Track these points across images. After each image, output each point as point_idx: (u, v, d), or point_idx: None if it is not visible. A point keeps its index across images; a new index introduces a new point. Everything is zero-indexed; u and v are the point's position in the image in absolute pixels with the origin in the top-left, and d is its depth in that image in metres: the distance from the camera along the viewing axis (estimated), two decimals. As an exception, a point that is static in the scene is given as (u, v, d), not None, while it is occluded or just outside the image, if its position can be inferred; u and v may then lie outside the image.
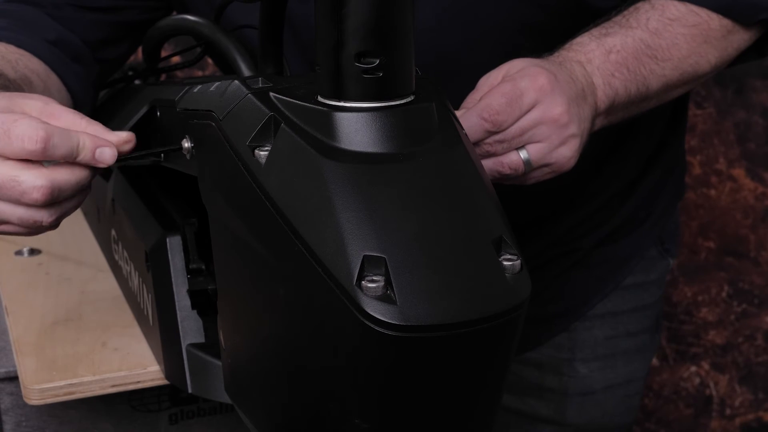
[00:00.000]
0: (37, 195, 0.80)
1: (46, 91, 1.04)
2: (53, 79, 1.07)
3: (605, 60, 0.99)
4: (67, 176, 0.82)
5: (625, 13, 1.04)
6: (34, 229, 0.85)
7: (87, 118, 0.84)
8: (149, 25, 1.17)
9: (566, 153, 0.93)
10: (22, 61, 1.03)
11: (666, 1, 1.04)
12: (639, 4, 1.05)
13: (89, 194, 0.87)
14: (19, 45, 1.06)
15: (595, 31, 1.01)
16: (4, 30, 1.07)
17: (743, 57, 1.11)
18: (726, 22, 1.05)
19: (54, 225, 0.85)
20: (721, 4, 1.04)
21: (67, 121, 0.83)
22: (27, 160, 0.80)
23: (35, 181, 0.80)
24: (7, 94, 0.86)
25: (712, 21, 1.05)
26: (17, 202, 0.82)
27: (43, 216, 0.83)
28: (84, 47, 1.11)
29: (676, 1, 1.04)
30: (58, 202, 0.83)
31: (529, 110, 0.91)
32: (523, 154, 0.92)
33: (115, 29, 1.14)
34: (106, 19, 1.13)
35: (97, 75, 1.14)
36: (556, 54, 0.99)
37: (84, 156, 0.82)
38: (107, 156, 0.82)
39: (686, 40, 1.03)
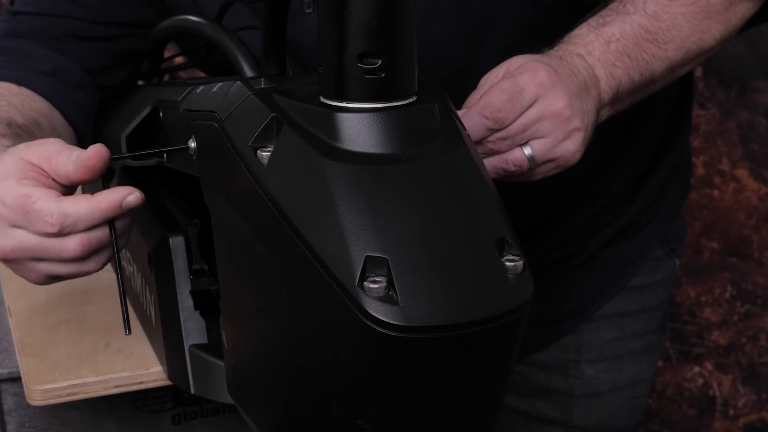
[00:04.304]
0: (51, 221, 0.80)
1: (53, 131, 1.05)
2: (56, 116, 1.07)
3: (605, 50, 0.98)
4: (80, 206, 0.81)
5: None
6: (61, 261, 0.84)
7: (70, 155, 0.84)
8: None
9: (571, 147, 0.92)
10: (27, 103, 1.04)
11: None
12: None
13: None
14: (19, 83, 1.06)
15: (592, 21, 1.01)
16: (3, 68, 1.07)
17: (753, 22, 1.09)
18: None
19: (80, 256, 0.83)
20: None
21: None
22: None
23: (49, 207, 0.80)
24: (17, 147, 0.86)
25: None
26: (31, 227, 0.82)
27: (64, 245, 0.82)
28: (85, 75, 1.11)
29: None
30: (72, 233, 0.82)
31: (531, 106, 0.91)
32: (526, 150, 0.92)
33: (114, 57, 1.15)
34: (105, 47, 1.13)
35: (97, 101, 1.15)
36: (556, 48, 0.98)
37: (110, 214, 0.82)
38: (133, 202, 0.82)
39: (686, 20, 1.02)
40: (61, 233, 0.81)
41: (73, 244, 0.81)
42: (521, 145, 0.92)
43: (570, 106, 0.91)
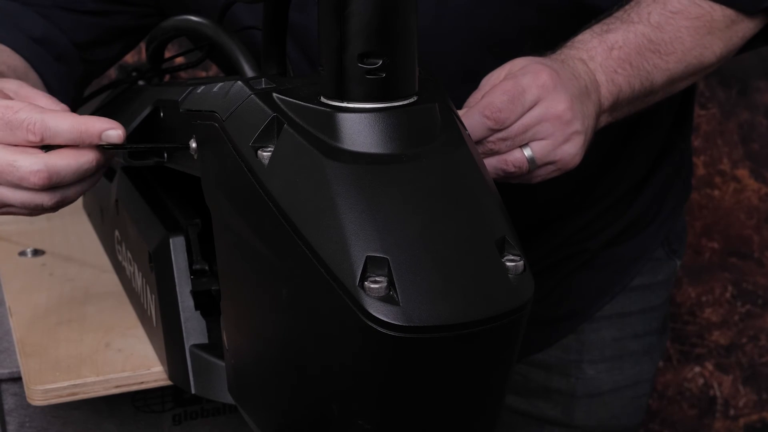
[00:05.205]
0: (35, 179, 0.82)
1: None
2: (32, 77, 1.07)
3: (607, 57, 0.98)
4: (66, 161, 0.83)
5: (627, 7, 1.03)
6: (36, 212, 0.86)
7: (60, 104, 0.85)
8: (140, 30, 1.18)
9: (570, 150, 0.92)
10: (0, 57, 1.04)
11: None
12: None
13: (94, 192, 0.87)
14: (5, 44, 1.06)
15: (596, 28, 1.01)
16: None
17: (751, 44, 1.10)
18: (729, 12, 1.05)
19: (55, 208, 0.86)
20: None
21: (43, 104, 0.85)
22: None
23: (32, 165, 0.82)
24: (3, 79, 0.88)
25: (715, 12, 1.04)
26: (17, 186, 0.83)
27: (44, 199, 0.84)
28: (70, 47, 1.11)
29: None
30: (60, 187, 0.84)
31: (532, 107, 0.91)
32: (527, 151, 0.92)
33: (104, 32, 1.14)
34: (95, 21, 1.13)
35: (82, 75, 1.14)
36: (558, 52, 0.98)
37: (87, 140, 0.82)
38: (114, 137, 0.83)
39: (689, 33, 1.03)
40: (42, 142, 0.82)
41: (34, 175, 0.82)
42: (521, 146, 0.92)
43: (571, 109, 0.91)
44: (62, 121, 0.82)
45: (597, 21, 1.02)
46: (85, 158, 0.83)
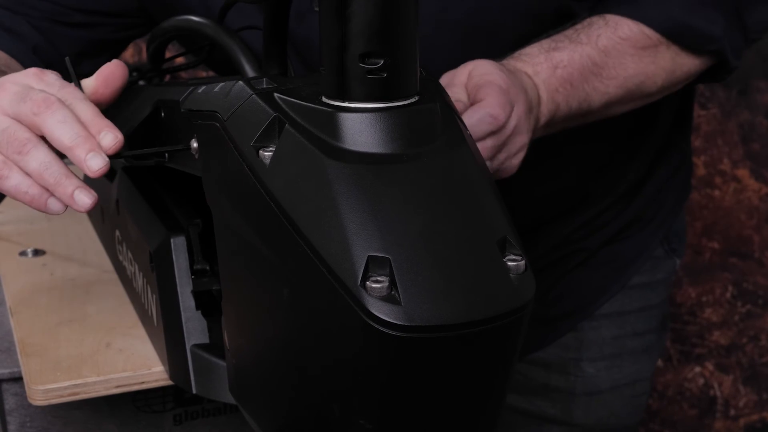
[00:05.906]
0: (41, 100, 0.79)
1: None
2: None
3: (551, 75, 0.99)
4: (65, 123, 0.80)
5: (578, 27, 1.04)
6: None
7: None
8: (127, 42, 1.18)
9: (515, 162, 0.94)
10: (11, 68, 1.04)
11: (620, 18, 1.04)
12: (593, 19, 1.05)
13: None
14: (4, 50, 1.07)
15: (545, 44, 1.02)
16: None
17: (699, 79, 1.12)
18: (675, 48, 1.06)
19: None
20: (672, 31, 1.05)
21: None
22: None
23: (47, 93, 0.80)
24: None
25: (662, 45, 1.05)
26: (20, 101, 0.80)
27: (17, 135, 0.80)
28: (58, 59, 1.12)
29: (629, 21, 1.04)
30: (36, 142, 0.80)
31: (513, 109, 0.92)
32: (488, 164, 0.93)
33: (90, 45, 1.15)
34: (82, 34, 1.14)
35: None
36: (505, 62, 0.99)
37: (95, 124, 0.81)
38: (108, 139, 0.80)
39: (634, 61, 1.04)
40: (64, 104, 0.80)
41: (44, 100, 0.79)
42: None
43: (526, 121, 0.92)
44: (87, 101, 0.82)
45: (547, 35, 1.03)
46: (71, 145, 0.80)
